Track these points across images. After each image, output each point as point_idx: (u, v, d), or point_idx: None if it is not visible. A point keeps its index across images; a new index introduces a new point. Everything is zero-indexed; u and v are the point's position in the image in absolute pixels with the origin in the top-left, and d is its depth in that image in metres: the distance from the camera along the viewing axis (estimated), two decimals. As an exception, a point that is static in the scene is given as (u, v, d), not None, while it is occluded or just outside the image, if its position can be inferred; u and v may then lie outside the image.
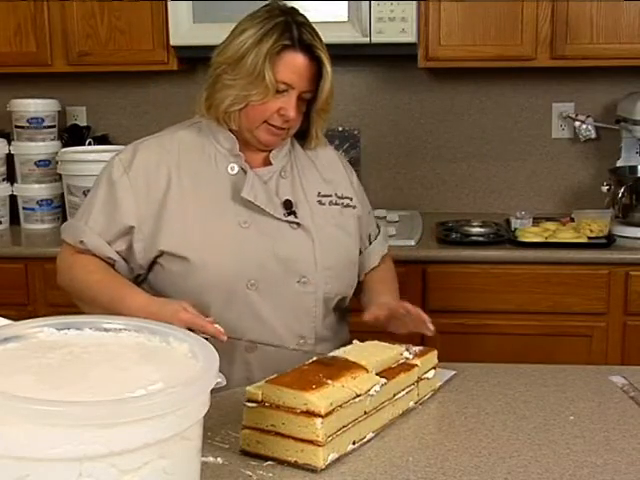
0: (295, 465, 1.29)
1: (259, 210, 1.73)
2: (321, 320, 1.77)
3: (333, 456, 1.30)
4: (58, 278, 1.81)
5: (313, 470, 1.28)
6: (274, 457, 1.31)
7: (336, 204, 1.84)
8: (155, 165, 1.74)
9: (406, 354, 1.54)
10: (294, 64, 1.70)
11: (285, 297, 1.73)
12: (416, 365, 1.52)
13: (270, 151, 1.80)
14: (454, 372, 1.69)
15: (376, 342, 1.56)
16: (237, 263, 1.70)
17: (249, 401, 1.33)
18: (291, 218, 1.75)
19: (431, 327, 1.69)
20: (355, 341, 1.56)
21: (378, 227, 2.00)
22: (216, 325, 1.57)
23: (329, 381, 1.33)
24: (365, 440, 1.37)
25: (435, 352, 1.61)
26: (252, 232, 1.72)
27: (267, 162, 1.80)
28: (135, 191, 1.72)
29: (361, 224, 1.89)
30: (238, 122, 1.74)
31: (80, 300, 1.75)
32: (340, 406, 1.30)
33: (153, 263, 1.75)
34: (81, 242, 1.74)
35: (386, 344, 1.55)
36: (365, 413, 1.37)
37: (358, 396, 1.34)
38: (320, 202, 1.82)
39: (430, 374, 1.57)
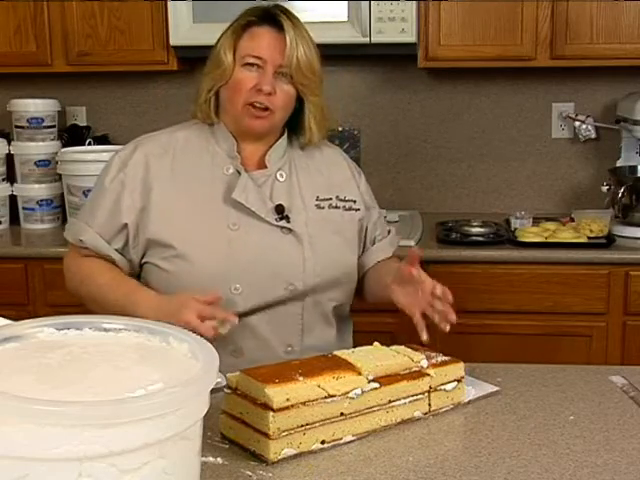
0: (254, 454, 1.31)
1: (250, 213, 1.71)
2: (310, 328, 1.74)
3: (289, 451, 1.30)
4: (67, 284, 1.82)
5: (265, 462, 1.29)
6: (240, 444, 1.33)
7: (336, 207, 1.80)
8: (152, 161, 1.75)
9: (423, 362, 1.47)
10: (258, 35, 1.72)
11: (271, 303, 1.69)
12: (427, 375, 1.46)
13: (266, 151, 1.78)
14: (497, 388, 1.58)
15: (402, 347, 1.51)
16: (222, 265, 1.68)
17: (227, 387, 1.37)
18: (282, 223, 1.72)
19: (449, 320, 1.59)
20: (376, 343, 1.52)
21: (389, 232, 1.93)
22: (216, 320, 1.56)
23: (301, 378, 1.33)
24: (342, 442, 1.36)
25: (460, 365, 1.52)
26: (240, 235, 1.70)
27: (263, 164, 1.79)
28: (131, 188, 1.73)
29: (363, 227, 1.85)
30: (223, 112, 1.76)
31: (93, 302, 1.74)
32: (303, 403, 1.30)
33: (144, 263, 1.75)
34: (80, 240, 1.76)
35: (408, 349, 1.50)
36: (342, 415, 1.36)
37: (331, 396, 1.33)
38: (318, 206, 1.78)
39: (449, 386, 1.49)
